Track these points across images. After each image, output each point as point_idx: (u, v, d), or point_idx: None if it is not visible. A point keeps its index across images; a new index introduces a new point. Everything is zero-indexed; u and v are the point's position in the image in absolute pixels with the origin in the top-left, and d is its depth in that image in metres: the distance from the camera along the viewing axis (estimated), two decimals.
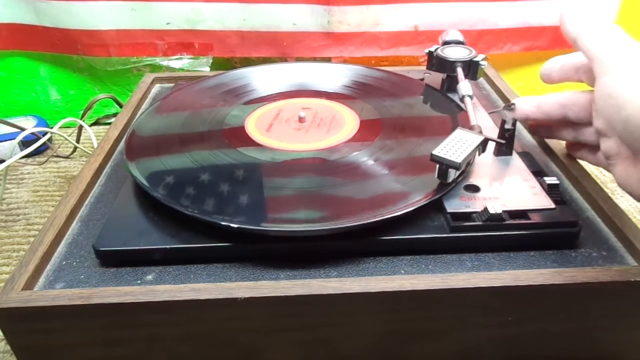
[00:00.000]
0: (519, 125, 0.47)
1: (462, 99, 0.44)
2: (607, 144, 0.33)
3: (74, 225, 0.36)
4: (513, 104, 0.38)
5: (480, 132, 0.37)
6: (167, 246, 0.32)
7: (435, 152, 0.34)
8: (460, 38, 0.51)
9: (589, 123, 0.36)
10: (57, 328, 0.30)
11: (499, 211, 0.32)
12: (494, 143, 0.39)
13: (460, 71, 0.47)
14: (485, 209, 0.33)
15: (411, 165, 0.38)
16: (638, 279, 0.30)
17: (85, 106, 0.63)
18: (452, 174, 0.34)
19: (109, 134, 0.46)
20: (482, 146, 0.36)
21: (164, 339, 0.31)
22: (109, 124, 0.74)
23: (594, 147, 0.37)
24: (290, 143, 0.41)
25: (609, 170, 0.34)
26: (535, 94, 0.39)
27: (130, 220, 0.34)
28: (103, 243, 0.32)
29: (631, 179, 0.31)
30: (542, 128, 0.42)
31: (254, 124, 0.44)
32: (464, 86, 0.45)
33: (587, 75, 0.35)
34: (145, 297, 0.29)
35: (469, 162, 0.37)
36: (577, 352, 0.34)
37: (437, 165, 0.34)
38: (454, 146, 0.34)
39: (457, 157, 0.33)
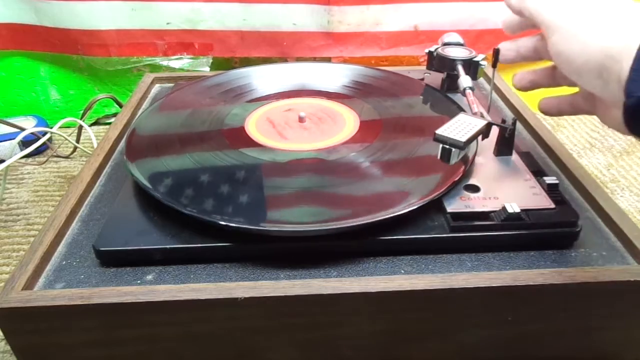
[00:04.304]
0: (519, 125, 0.47)
1: (463, 91, 0.44)
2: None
3: (74, 225, 0.36)
4: (498, 51, 0.37)
5: (483, 118, 0.36)
6: (167, 246, 0.32)
7: (439, 131, 0.33)
8: (461, 40, 0.51)
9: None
10: (57, 328, 0.30)
11: (517, 210, 0.32)
12: (496, 131, 0.39)
13: (460, 68, 0.47)
14: (504, 209, 0.33)
15: (411, 165, 0.38)
16: (638, 279, 0.30)
17: (85, 106, 0.63)
18: (456, 155, 0.33)
19: (109, 133, 0.46)
20: (486, 131, 0.36)
21: (164, 339, 0.31)
22: (109, 124, 0.74)
23: (568, 98, 0.38)
24: (290, 143, 0.41)
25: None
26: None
27: (130, 220, 0.34)
28: (103, 243, 0.32)
29: (612, 122, 0.32)
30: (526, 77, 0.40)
31: (254, 124, 0.44)
32: (465, 80, 0.45)
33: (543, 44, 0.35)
34: (145, 297, 0.29)
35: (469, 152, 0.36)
36: (577, 352, 0.34)
37: (440, 146, 0.33)
38: (457, 127, 0.34)
39: (461, 136, 0.33)
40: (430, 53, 0.50)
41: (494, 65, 0.37)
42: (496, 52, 0.37)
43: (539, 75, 0.38)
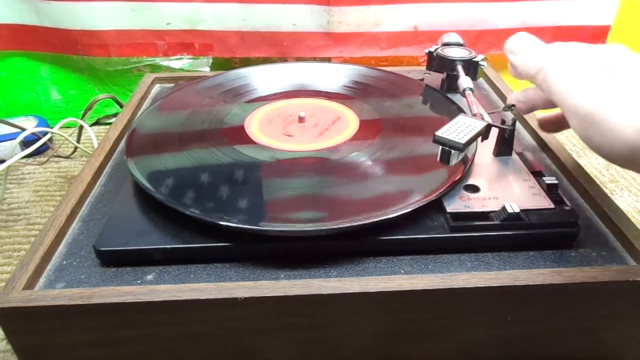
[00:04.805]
0: (518, 125, 0.47)
1: (463, 92, 0.44)
2: None
3: (75, 225, 0.36)
4: (514, 105, 0.37)
5: (483, 119, 0.36)
6: (167, 246, 0.32)
7: (439, 133, 0.33)
8: (460, 41, 0.51)
9: None
10: (57, 328, 0.30)
11: (517, 210, 0.32)
12: (496, 131, 0.39)
13: (460, 68, 0.47)
14: (504, 209, 0.33)
15: (411, 165, 0.38)
16: (637, 279, 0.30)
17: (85, 106, 0.63)
18: (455, 157, 0.33)
19: (109, 134, 0.46)
20: (485, 133, 0.36)
21: (164, 339, 0.31)
22: (110, 124, 0.74)
23: None
24: (290, 143, 0.41)
25: None
26: None
27: (130, 220, 0.35)
28: (103, 243, 0.33)
29: None
30: (550, 124, 0.39)
31: (254, 124, 0.44)
32: (465, 80, 0.45)
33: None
34: (146, 297, 0.29)
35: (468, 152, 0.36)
36: (577, 352, 0.34)
37: (440, 148, 0.33)
38: (457, 129, 0.34)
39: (461, 138, 0.33)
40: (430, 53, 0.50)
41: (504, 110, 0.38)
42: (509, 108, 0.37)
43: (562, 119, 0.36)
